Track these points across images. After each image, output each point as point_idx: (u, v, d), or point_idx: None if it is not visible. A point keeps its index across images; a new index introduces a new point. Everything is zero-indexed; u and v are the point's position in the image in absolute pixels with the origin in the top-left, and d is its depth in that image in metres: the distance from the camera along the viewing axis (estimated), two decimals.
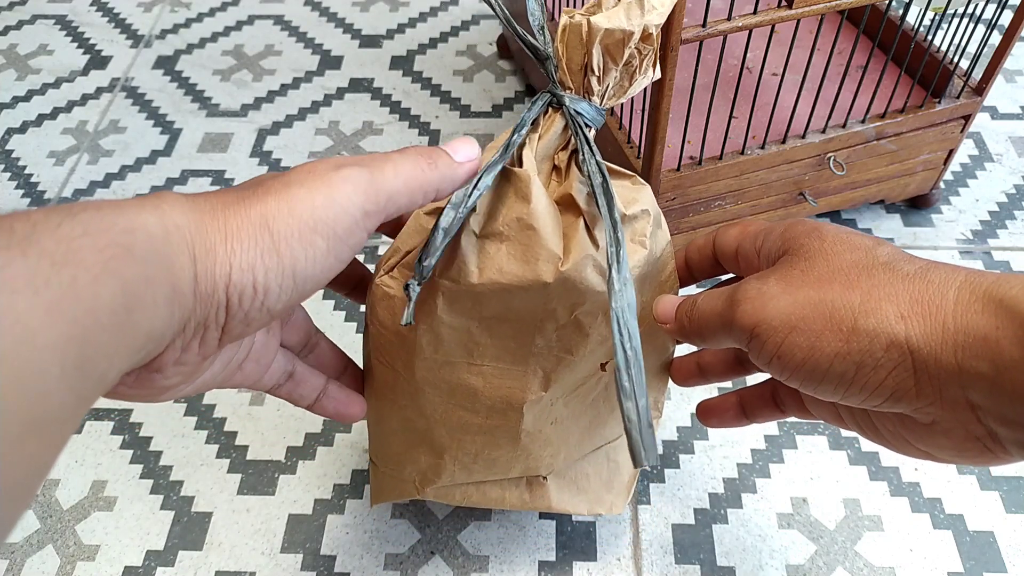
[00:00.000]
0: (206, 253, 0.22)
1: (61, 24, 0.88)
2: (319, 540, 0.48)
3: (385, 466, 0.42)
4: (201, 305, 0.22)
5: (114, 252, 0.19)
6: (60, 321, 0.17)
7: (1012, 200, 0.67)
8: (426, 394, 0.36)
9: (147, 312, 0.20)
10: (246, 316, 0.23)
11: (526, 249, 0.31)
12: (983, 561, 0.46)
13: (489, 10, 0.89)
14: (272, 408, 0.55)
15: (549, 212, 0.31)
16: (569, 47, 0.31)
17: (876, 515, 0.48)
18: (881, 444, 0.30)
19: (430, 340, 0.34)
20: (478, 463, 0.40)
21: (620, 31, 0.29)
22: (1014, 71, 0.79)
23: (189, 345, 0.23)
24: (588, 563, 0.47)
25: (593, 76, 0.31)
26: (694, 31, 0.43)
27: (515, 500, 0.43)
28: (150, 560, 0.48)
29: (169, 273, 0.21)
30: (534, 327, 0.33)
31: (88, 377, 0.19)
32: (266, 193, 0.24)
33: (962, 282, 0.25)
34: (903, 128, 0.57)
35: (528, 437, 0.38)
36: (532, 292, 0.31)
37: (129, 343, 0.20)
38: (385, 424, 0.40)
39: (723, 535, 0.48)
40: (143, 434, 0.54)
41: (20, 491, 0.17)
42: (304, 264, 0.24)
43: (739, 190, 0.56)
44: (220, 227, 0.23)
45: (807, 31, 0.66)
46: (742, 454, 0.52)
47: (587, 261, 0.31)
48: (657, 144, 0.49)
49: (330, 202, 0.24)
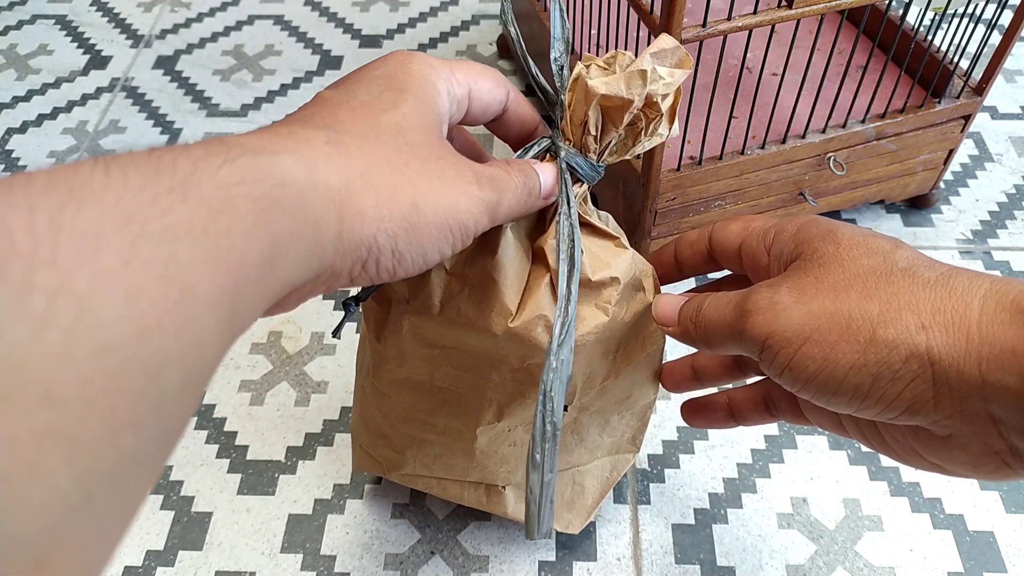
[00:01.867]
0: (354, 214, 0.23)
1: (61, 24, 0.88)
2: (319, 540, 0.48)
3: (362, 443, 0.44)
4: (341, 259, 0.23)
5: (266, 204, 0.19)
6: (217, 272, 0.17)
7: (1012, 200, 0.67)
8: (391, 399, 0.38)
9: (288, 265, 0.20)
10: (376, 273, 0.25)
11: (483, 298, 0.31)
12: (983, 561, 0.46)
13: (489, 10, 0.89)
14: (272, 408, 0.55)
15: (514, 265, 0.31)
16: (575, 99, 0.30)
17: (876, 515, 0.48)
18: (887, 455, 0.29)
19: (395, 355, 0.36)
20: (436, 464, 0.41)
21: (618, 98, 0.29)
22: (1014, 71, 0.79)
23: (316, 289, 0.24)
24: (588, 563, 0.47)
25: (590, 136, 0.30)
26: (694, 31, 0.43)
27: (473, 501, 0.43)
28: (150, 560, 0.48)
29: (314, 229, 0.21)
30: (489, 366, 0.34)
31: (235, 327, 0.19)
32: (420, 175, 0.25)
33: (987, 291, 0.24)
34: (903, 128, 0.57)
35: (482, 455, 0.39)
36: (484, 337, 0.32)
37: (270, 293, 0.20)
38: (363, 412, 0.42)
39: (723, 535, 0.48)
40: None
41: (172, 444, 0.17)
42: (434, 248, 0.25)
43: (739, 190, 0.56)
44: (372, 191, 0.23)
45: (807, 31, 0.66)
46: (742, 454, 0.52)
47: (539, 321, 0.31)
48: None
49: (468, 212, 0.26)
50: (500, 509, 0.43)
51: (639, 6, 0.45)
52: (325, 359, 0.57)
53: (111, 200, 0.16)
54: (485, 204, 0.27)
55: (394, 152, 0.25)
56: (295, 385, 0.56)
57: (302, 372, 0.57)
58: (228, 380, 0.56)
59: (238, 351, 0.58)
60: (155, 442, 0.16)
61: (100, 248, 0.15)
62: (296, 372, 0.57)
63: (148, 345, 0.15)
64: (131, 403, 0.15)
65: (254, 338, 0.59)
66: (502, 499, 0.43)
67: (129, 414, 0.15)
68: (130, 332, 0.15)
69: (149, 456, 0.16)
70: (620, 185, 0.56)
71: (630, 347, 0.37)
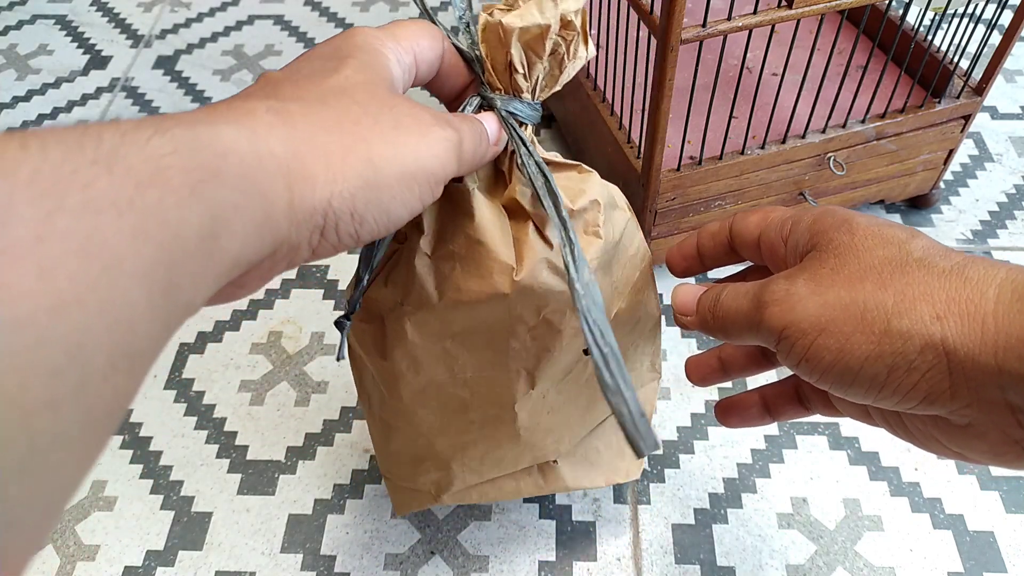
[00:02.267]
0: (304, 180, 0.22)
1: (61, 24, 0.88)
2: (319, 540, 0.48)
3: (399, 480, 0.42)
4: (296, 230, 0.22)
5: (203, 175, 0.18)
6: (147, 246, 0.17)
7: (1012, 200, 0.67)
8: (418, 414, 0.37)
9: (236, 238, 0.19)
10: (339, 240, 0.24)
11: (479, 264, 0.31)
12: (983, 561, 0.46)
13: None
14: (272, 408, 0.55)
15: (495, 223, 0.31)
16: (491, 47, 0.30)
17: (876, 515, 0.48)
18: (912, 443, 0.29)
19: (409, 365, 0.34)
20: (485, 464, 0.40)
21: (536, 27, 0.29)
22: (1014, 71, 0.79)
23: (276, 265, 0.23)
24: (588, 563, 0.47)
25: (518, 74, 0.30)
26: (694, 31, 0.43)
27: (531, 488, 0.42)
28: (150, 560, 0.48)
29: (262, 200, 0.20)
30: (506, 333, 0.33)
31: (175, 305, 0.18)
32: (372, 130, 0.24)
33: (1003, 280, 0.24)
34: (903, 128, 0.57)
35: (527, 432, 0.38)
36: (494, 304, 0.31)
37: (216, 269, 0.19)
38: (389, 445, 0.40)
39: (723, 535, 0.48)
40: (143, 434, 0.54)
41: (103, 427, 0.17)
42: (398, 203, 0.25)
43: (739, 190, 0.56)
44: (321, 155, 0.23)
45: (807, 31, 0.66)
46: (742, 454, 0.52)
47: (542, 265, 0.31)
48: (657, 144, 0.49)
49: (432, 156, 0.25)
50: (560, 485, 0.42)
51: (639, 6, 0.45)
52: (325, 359, 0.57)
53: (25, 173, 0.15)
54: (448, 143, 0.26)
55: (342, 112, 0.24)
56: (295, 385, 0.56)
57: (302, 372, 0.57)
58: (228, 380, 0.56)
59: (238, 351, 0.58)
60: (80, 425, 0.15)
61: (9, 222, 0.14)
62: (296, 372, 0.57)
63: (65, 321, 0.15)
64: (46, 382, 0.14)
65: (254, 338, 0.59)
66: (558, 474, 0.42)
67: (44, 394, 0.14)
68: (43, 307, 0.14)
69: (72, 440, 0.15)
70: (620, 185, 0.56)
71: (626, 269, 0.36)
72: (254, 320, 0.60)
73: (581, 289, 0.27)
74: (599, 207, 0.33)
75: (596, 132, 0.59)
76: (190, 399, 0.55)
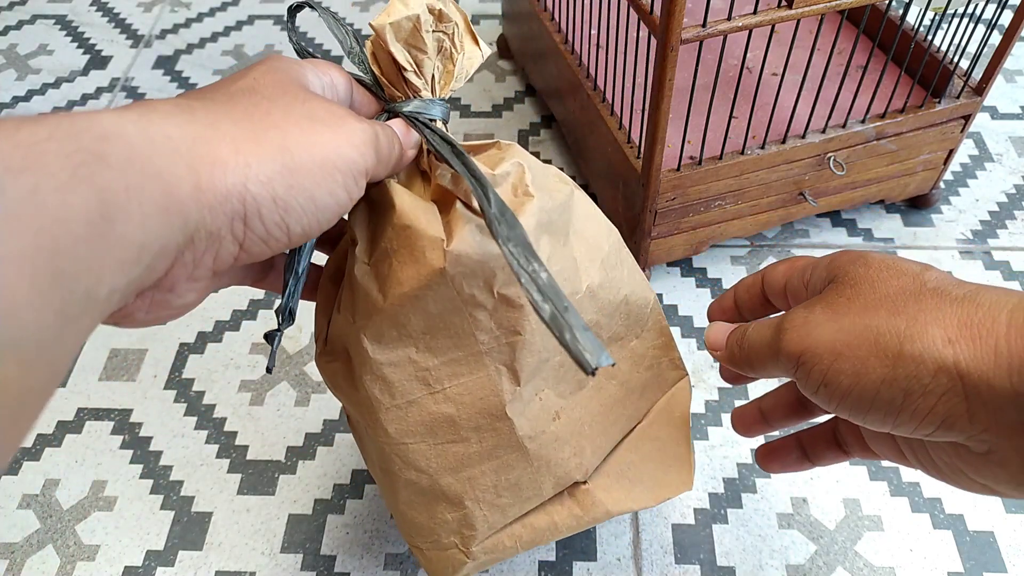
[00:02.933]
0: (212, 164, 0.22)
1: (61, 24, 0.88)
2: (319, 540, 0.48)
3: (423, 543, 0.39)
4: (212, 215, 0.22)
5: (83, 159, 0.18)
6: (22, 231, 0.16)
7: (1012, 200, 0.67)
8: (410, 448, 0.35)
9: (134, 223, 0.19)
10: (266, 231, 0.23)
11: (411, 248, 0.30)
12: (983, 561, 0.46)
13: (489, 10, 0.89)
14: (272, 408, 0.55)
15: (419, 205, 0.30)
16: (379, 60, 0.31)
17: (876, 515, 0.48)
18: (941, 479, 0.29)
19: (381, 388, 0.33)
20: (503, 495, 0.37)
21: (405, 19, 0.29)
22: (1014, 71, 0.79)
23: (201, 259, 0.23)
24: (588, 563, 0.47)
25: (408, 72, 0.30)
26: (694, 31, 0.43)
27: (568, 519, 0.39)
28: (150, 560, 0.48)
29: (159, 182, 0.20)
30: (468, 324, 0.32)
31: (70, 292, 0.18)
32: (285, 119, 0.24)
33: (1015, 305, 0.24)
34: (903, 128, 0.57)
35: (534, 443, 0.36)
36: (438, 288, 0.31)
37: (119, 256, 0.19)
38: (397, 497, 0.37)
39: (723, 535, 0.48)
40: (143, 434, 0.54)
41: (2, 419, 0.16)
42: (323, 191, 0.24)
43: (739, 190, 0.56)
44: (228, 140, 0.22)
45: (807, 31, 0.66)
46: (742, 454, 0.52)
47: (471, 228, 0.30)
48: (657, 144, 0.49)
49: (351, 147, 0.25)
50: (601, 511, 0.39)
51: (639, 6, 0.45)
52: None
53: None
54: (366, 135, 0.26)
55: (250, 106, 0.24)
56: (295, 385, 0.56)
57: (302, 372, 0.57)
58: (228, 380, 0.56)
59: (238, 351, 0.58)
60: None
61: None
62: (296, 372, 0.57)
63: None
64: None
65: (254, 338, 0.59)
66: (594, 498, 0.39)
67: None
68: None
69: None
70: (620, 185, 0.56)
71: (588, 241, 0.35)
72: (254, 320, 0.60)
73: (496, 213, 0.27)
74: (523, 168, 0.32)
75: (596, 132, 0.59)
76: (190, 399, 0.55)
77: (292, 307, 0.32)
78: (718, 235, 0.59)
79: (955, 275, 0.31)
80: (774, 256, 0.63)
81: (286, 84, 0.26)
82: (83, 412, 0.55)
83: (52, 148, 0.18)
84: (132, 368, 0.57)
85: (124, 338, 0.59)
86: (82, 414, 0.55)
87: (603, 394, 0.38)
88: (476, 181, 0.28)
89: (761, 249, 0.63)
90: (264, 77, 0.26)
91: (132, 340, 0.59)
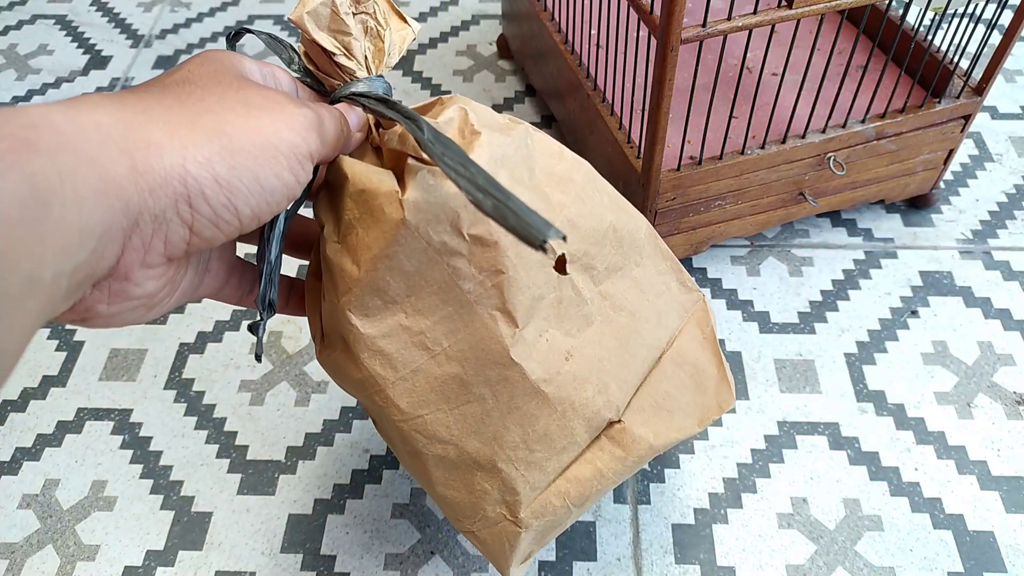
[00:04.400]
0: (146, 147, 0.22)
1: (61, 24, 0.88)
2: (319, 540, 0.48)
3: (473, 525, 0.37)
4: (153, 198, 0.22)
5: (11, 145, 0.18)
6: None
7: (1012, 200, 0.67)
8: (427, 419, 0.34)
9: (71, 206, 0.19)
10: (214, 213, 0.23)
11: (371, 211, 0.30)
12: (983, 561, 0.46)
13: (489, 10, 0.89)
14: (272, 408, 0.55)
15: (371, 170, 0.31)
16: (311, 54, 0.32)
17: (876, 515, 0.48)
18: None
19: (381, 362, 0.33)
20: (535, 449, 0.35)
21: (320, 6, 0.30)
22: (1014, 71, 0.79)
23: (151, 244, 0.23)
24: (588, 563, 0.47)
25: (338, 56, 0.31)
26: (694, 31, 0.43)
27: (612, 464, 0.37)
28: (150, 560, 0.48)
29: (93, 166, 0.20)
30: (448, 276, 0.32)
31: (11, 274, 0.18)
32: (220, 105, 0.24)
33: None
34: (903, 128, 0.57)
35: (551, 386, 0.34)
36: (406, 242, 0.30)
37: (59, 240, 0.19)
38: (432, 480, 0.36)
39: (723, 535, 0.48)
40: (143, 434, 0.54)
41: None
42: (267, 172, 0.24)
43: (739, 190, 0.56)
44: (160, 124, 0.22)
45: (807, 31, 0.66)
46: (742, 454, 0.52)
47: (422, 175, 0.30)
48: (657, 144, 0.49)
49: (291, 131, 0.25)
50: (644, 446, 0.37)
51: (639, 6, 0.45)
52: None
53: None
54: (307, 119, 0.26)
55: (183, 95, 0.24)
56: (295, 385, 0.56)
57: (302, 372, 0.57)
58: (228, 380, 0.56)
59: (237, 351, 0.58)
60: None
61: None
62: (296, 372, 0.57)
63: None
64: None
65: (254, 338, 0.59)
66: (634, 435, 0.37)
67: None
68: None
69: None
70: (620, 185, 0.56)
71: (547, 167, 0.35)
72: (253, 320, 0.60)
73: (429, 136, 0.27)
74: (465, 112, 0.32)
75: (596, 132, 0.59)
76: (190, 399, 0.55)
77: (271, 297, 0.32)
78: (718, 235, 0.59)
79: (955, 275, 0.30)
80: (775, 256, 0.63)
81: (220, 74, 0.26)
82: (83, 412, 0.55)
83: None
84: (132, 368, 0.57)
85: (124, 338, 0.59)
86: (82, 414, 0.55)
87: (615, 327, 0.37)
88: (406, 118, 0.29)
89: (761, 249, 0.63)
90: (199, 68, 0.26)
91: (132, 340, 0.59)
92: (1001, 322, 0.58)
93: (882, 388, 0.55)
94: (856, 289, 0.61)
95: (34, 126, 0.19)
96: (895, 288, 0.60)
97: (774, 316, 0.59)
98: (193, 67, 0.26)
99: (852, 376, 0.55)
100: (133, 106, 0.23)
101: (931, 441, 0.52)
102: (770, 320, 0.59)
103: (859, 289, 0.61)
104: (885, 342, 0.57)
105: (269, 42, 0.33)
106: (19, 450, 0.53)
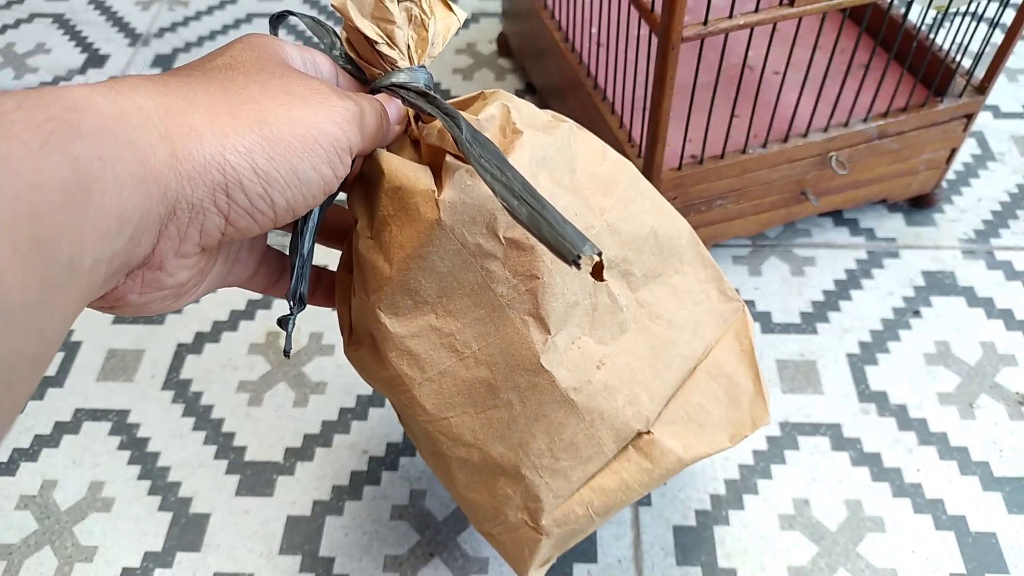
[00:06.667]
0: (187, 133, 0.21)
1: (59, 23, 0.88)
2: (318, 542, 0.48)
3: (493, 528, 0.37)
4: (192, 186, 0.22)
5: (55, 127, 0.18)
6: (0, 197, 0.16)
7: (1015, 199, 0.66)
8: (452, 422, 0.34)
9: (111, 192, 0.19)
10: (251, 204, 0.23)
11: (406, 209, 0.30)
12: (985, 562, 0.46)
13: (489, 8, 0.88)
14: (271, 409, 0.54)
15: (408, 165, 0.30)
16: (353, 42, 0.31)
17: (878, 516, 0.48)
18: None
19: (409, 362, 0.32)
20: (561, 458, 0.35)
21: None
22: (1016, 70, 0.78)
23: (187, 233, 0.23)
24: (588, 565, 0.47)
25: (380, 45, 0.30)
26: (695, 29, 0.42)
27: (639, 475, 0.36)
28: (148, 561, 0.47)
29: (133, 152, 0.20)
30: (482, 278, 0.31)
31: (53, 260, 0.18)
32: (262, 93, 0.24)
33: None
34: (905, 127, 0.56)
35: (580, 395, 0.33)
36: (440, 242, 0.30)
37: (99, 226, 0.19)
38: (455, 482, 0.36)
39: (724, 536, 0.48)
40: (141, 435, 0.53)
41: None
42: (305, 164, 0.24)
43: (741, 189, 0.55)
44: (202, 111, 0.22)
45: (809, 29, 0.66)
46: (743, 455, 0.51)
47: (459, 174, 0.29)
48: (658, 143, 0.48)
49: (332, 123, 0.25)
50: (672, 459, 0.36)
51: (640, 4, 0.45)
52: (323, 359, 0.57)
53: None
54: (349, 112, 0.26)
55: (226, 80, 0.24)
56: (293, 386, 0.56)
57: (300, 373, 0.56)
58: (226, 381, 0.56)
59: (236, 351, 0.58)
60: None
61: None
62: (294, 373, 0.56)
63: None
64: None
65: (252, 339, 0.58)
66: (662, 447, 0.36)
67: None
68: None
69: None
70: None
71: (589, 168, 0.34)
72: (252, 320, 0.60)
73: (467, 135, 0.27)
74: (508, 109, 0.32)
75: (597, 131, 0.59)
76: (188, 400, 0.55)
77: (302, 291, 0.31)
78: (720, 234, 0.59)
79: (958, 275, 0.30)
80: (776, 256, 0.63)
81: (264, 60, 0.26)
82: (80, 413, 0.55)
83: (21, 118, 0.18)
84: (130, 368, 0.57)
85: (122, 339, 0.59)
86: (80, 415, 0.54)
87: (649, 336, 0.36)
88: (445, 115, 0.28)
89: (763, 249, 0.63)
90: (242, 54, 0.26)
91: (130, 341, 0.59)
92: (1004, 322, 0.58)
93: (884, 389, 0.54)
94: (858, 289, 0.60)
95: (77, 108, 0.19)
96: (897, 288, 0.60)
97: (776, 316, 0.59)
98: (236, 52, 0.26)
99: (854, 376, 0.55)
100: (175, 91, 0.22)
101: (933, 442, 0.52)
102: (772, 320, 0.58)
103: (861, 289, 0.60)
104: (887, 342, 0.57)
105: (312, 26, 0.32)
106: (16, 451, 0.53)
